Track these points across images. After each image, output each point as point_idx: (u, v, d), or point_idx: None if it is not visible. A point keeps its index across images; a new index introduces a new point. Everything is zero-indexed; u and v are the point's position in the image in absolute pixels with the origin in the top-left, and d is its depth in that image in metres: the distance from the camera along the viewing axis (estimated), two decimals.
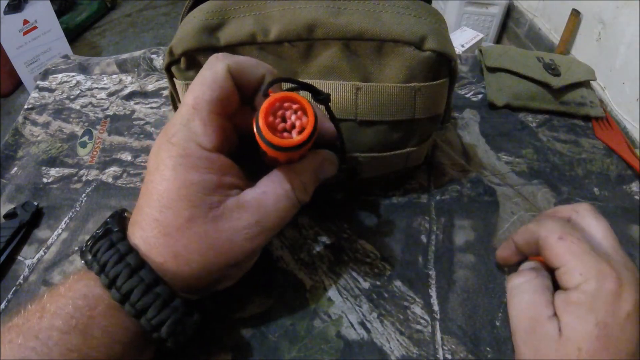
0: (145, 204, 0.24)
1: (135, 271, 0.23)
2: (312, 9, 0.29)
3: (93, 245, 0.24)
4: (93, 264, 0.24)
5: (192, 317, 0.25)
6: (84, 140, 0.45)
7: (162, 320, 0.23)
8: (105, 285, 0.23)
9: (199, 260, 0.24)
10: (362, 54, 0.30)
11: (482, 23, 1.52)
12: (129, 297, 0.23)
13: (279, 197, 0.25)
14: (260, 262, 0.34)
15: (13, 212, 0.38)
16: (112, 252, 0.23)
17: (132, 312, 0.23)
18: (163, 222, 0.24)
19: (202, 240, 0.24)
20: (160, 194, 0.24)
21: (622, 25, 0.99)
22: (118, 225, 0.25)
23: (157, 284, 0.23)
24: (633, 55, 0.94)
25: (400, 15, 0.30)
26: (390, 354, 0.29)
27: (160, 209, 0.24)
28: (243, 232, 0.24)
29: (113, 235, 0.24)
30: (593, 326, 0.25)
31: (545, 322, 0.26)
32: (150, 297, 0.23)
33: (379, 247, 0.35)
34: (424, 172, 0.40)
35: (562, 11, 1.21)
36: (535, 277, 0.29)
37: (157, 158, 0.25)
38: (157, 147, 0.25)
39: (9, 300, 0.33)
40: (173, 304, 0.24)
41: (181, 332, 0.24)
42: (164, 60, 0.32)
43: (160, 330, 0.23)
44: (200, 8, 0.31)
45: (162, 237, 0.24)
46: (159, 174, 0.24)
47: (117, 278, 0.23)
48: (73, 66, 0.54)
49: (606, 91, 1.01)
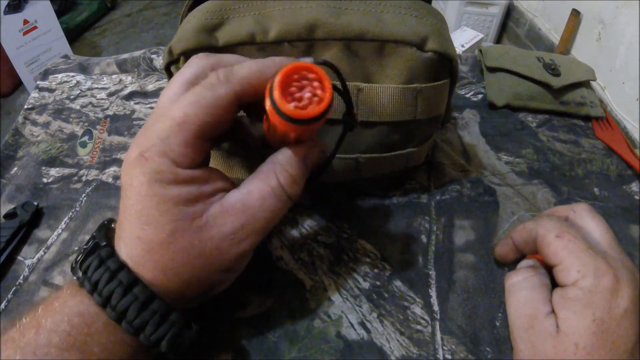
0: (125, 221, 0.24)
1: (129, 289, 0.23)
2: (312, 9, 0.29)
3: (83, 262, 0.24)
4: (85, 283, 0.23)
5: (191, 329, 0.25)
6: (84, 140, 0.45)
7: (161, 336, 0.23)
8: (99, 304, 0.23)
9: (188, 271, 0.23)
10: (363, 54, 0.30)
11: (482, 23, 1.52)
12: (125, 315, 0.22)
13: (265, 195, 0.24)
14: (260, 262, 0.34)
15: (13, 212, 0.38)
16: (102, 270, 0.23)
17: (130, 330, 0.23)
18: (145, 239, 0.23)
19: (188, 252, 0.23)
20: (138, 212, 0.23)
21: (622, 25, 0.99)
22: (105, 238, 0.24)
23: (152, 300, 0.23)
24: (633, 55, 0.94)
25: (402, 15, 0.30)
26: (390, 354, 0.29)
27: (140, 227, 0.23)
28: (229, 238, 0.23)
29: (102, 251, 0.24)
30: (590, 322, 0.25)
31: (543, 319, 0.26)
32: (147, 314, 0.23)
33: (379, 247, 0.35)
34: (424, 172, 0.40)
35: (562, 11, 1.21)
36: (533, 274, 0.29)
37: (130, 173, 0.23)
38: (129, 162, 0.23)
39: (9, 300, 0.33)
40: (171, 318, 0.23)
41: (180, 344, 0.24)
42: (164, 59, 0.32)
43: (160, 345, 0.23)
44: (201, 8, 0.31)
45: (146, 254, 0.23)
46: (134, 191, 0.23)
47: (111, 297, 0.22)
48: (73, 66, 0.54)
49: (606, 91, 1.01)
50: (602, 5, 1.06)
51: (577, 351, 0.24)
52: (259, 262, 0.34)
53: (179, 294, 0.24)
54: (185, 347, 0.24)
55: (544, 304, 0.27)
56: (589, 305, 0.25)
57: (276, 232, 0.36)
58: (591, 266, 0.26)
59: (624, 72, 0.97)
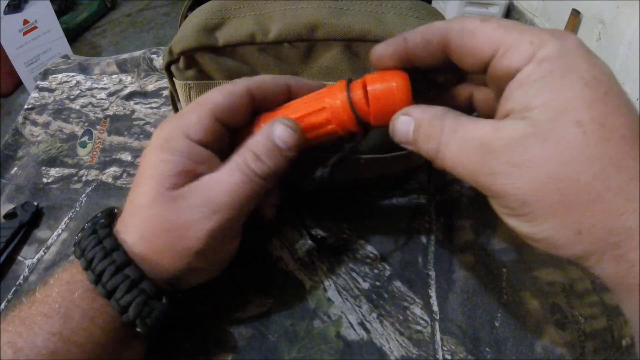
0: (130, 189, 0.26)
1: (109, 253, 0.24)
2: (313, 10, 0.29)
3: (80, 234, 0.26)
4: (76, 250, 0.25)
5: (161, 301, 0.25)
6: (84, 140, 0.45)
7: (129, 301, 0.23)
8: (83, 267, 0.24)
9: (159, 241, 0.24)
10: (363, 55, 0.30)
11: None
12: (100, 278, 0.23)
13: (231, 171, 0.25)
14: (260, 262, 0.34)
15: (13, 212, 0.38)
16: (92, 237, 0.24)
17: (103, 292, 0.23)
18: (134, 202, 0.25)
19: (161, 220, 0.24)
20: (137, 175, 0.25)
21: (622, 25, 0.99)
22: (106, 217, 0.26)
23: (127, 265, 0.24)
24: (633, 55, 0.94)
25: (403, 16, 0.30)
26: (390, 355, 0.29)
27: (134, 189, 0.25)
28: (198, 210, 0.24)
29: (97, 225, 0.25)
30: (583, 86, 0.18)
31: (500, 130, 0.19)
32: (119, 277, 0.23)
33: (379, 247, 0.35)
34: (424, 172, 0.40)
35: (562, 11, 1.21)
36: (443, 109, 0.22)
37: (148, 145, 0.26)
38: (152, 137, 0.26)
39: (9, 300, 0.33)
40: (141, 285, 0.24)
41: (148, 314, 0.24)
42: (164, 59, 0.32)
43: (128, 311, 0.24)
44: (201, 8, 0.31)
45: (130, 217, 0.25)
46: (144, 158, 0.25)
47: (93, 260, 0.24)
48: (73, 66, 0.54)
49: None
50: (602, 5, 1.06)
51: (585, 129, 0.17)
52: (259, 262, 0.34)
53: (153, 265, 0.24)
54: (153, 319, 0.24)
55: (491, 123, 0.20)
56: (569, 69, 0.18)
57: (276, 232, 0.36)
58: (545, 32, 0.19)
59: (624, 72, 0.97)
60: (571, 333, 0.30)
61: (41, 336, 0.22)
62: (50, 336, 0.22)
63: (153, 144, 0.25)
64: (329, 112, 0.25)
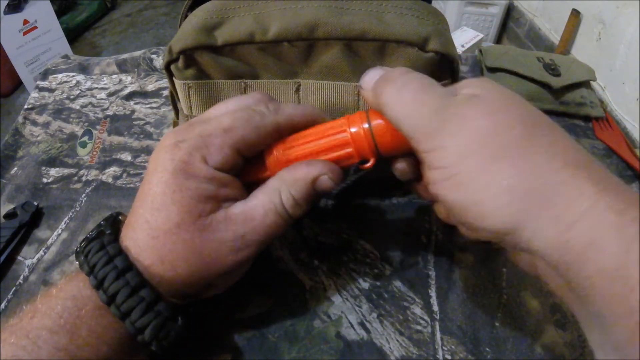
0: (139, 206, 0.25)
1: (123, 273, 0.23)
2: (313, 9, 0.29)
3: (86, 247, 0.25)
4: (84, 265, 0.24)
5: (176, 322, 0.25)
6: (84, 140, 0.45)
7: (145, 323, 0.23)
8: (94, 286, 0.23)
9: (184, 266, 0.24)
10: (364, 54, 0.30)
11: (482, 23, 1.52)
12: (115, 299, 0.23)
13: (268, 212, 0.25)
14: (260, 262, 0.34)
15: (13, 212, 0.38)
16: (102, 254, 0.24)
17: (117, 314, 0.23)
18: (153, 225, 0.24)
19: (187, 247, 0.23)
20: (154, 196, 0.24)
21: (622, 25, 0.99)
22: (111, 227, 0.25)
23: (143, 286, 0.23)
24: (633, 55, 0.94)
25: (404, 16, 0.30)
26: (390, 355, 0.29)
27: (152, 211, 0.24)
28: (228, 245, 0.24)
29: (104, 238, 0.24)
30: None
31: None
32: (135, 299, 0.23)
33: (379, 247, 0.35)
34: None
35: (562, 11, 1.21)
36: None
37: (158, 160, 0.25)
38: (161, 147, 0.25)
39: (9, 300, 0.33)
40: (157, 308, 0.24)
41: (164, 336, 0.24)
42: (164, 58, 0.32)
43: (144, 333, 0.23)
44: (202, 8, 0.31)
45: (150, 240, 0.24)
46: (157, 176, 0.24)
47: (105, 279, 0.23)
48: (73, 66, 0.54)
49: (606, 91, 1.01)
50: (602, 5, 1.06)
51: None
52: (259, 262, 0.34)
53: (172, 288, 0.24)
54: (170, 340, 0.24)
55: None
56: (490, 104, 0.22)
57: None
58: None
59: (624, 72, 0.97)
60: (571, 333, 0.30)
61: (46, 351, 0.22)
62: (56, 352, 0.22)
63: (169, 165, 0.24)
64: (353, 146, 0.26)
